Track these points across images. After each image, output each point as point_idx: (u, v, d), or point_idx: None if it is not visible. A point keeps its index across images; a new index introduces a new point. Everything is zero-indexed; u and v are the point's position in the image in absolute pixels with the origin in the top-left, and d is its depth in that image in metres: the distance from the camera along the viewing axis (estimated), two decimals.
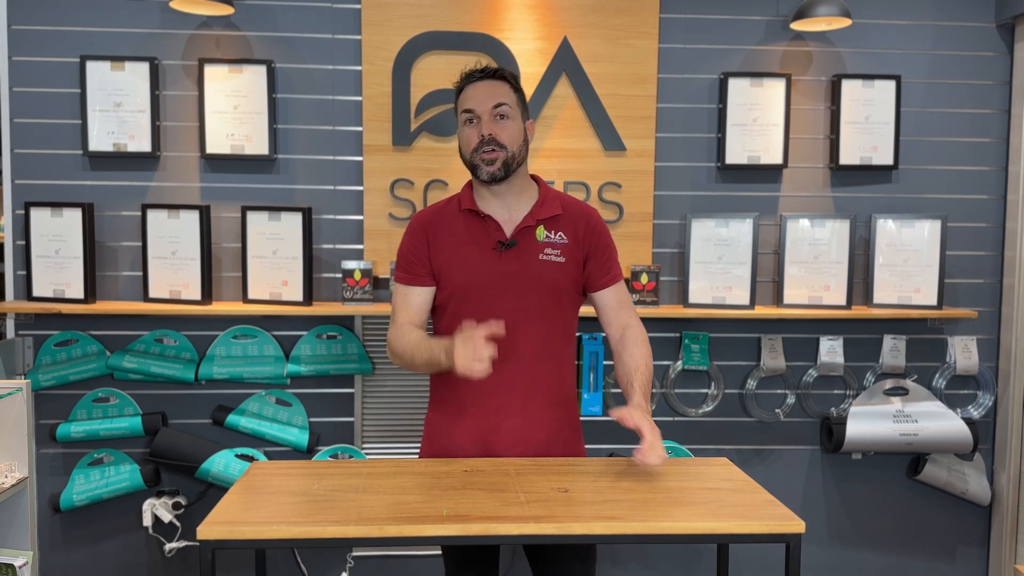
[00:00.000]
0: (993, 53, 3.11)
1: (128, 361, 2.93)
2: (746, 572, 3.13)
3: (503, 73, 2.04)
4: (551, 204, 2.06)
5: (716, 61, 3.05)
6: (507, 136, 1.99)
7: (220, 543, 1.57)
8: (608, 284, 2.08)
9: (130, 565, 3.04)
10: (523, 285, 2.00)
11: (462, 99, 2.04)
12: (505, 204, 2.05)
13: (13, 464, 2.35)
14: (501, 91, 2.01)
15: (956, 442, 3.05)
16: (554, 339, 2.05)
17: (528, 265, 2.01)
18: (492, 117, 1.99)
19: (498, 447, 2.02)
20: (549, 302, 2.03)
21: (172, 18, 2.91)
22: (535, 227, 2.03)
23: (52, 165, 2.94)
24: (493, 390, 1.99)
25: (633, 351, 2.03)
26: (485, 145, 1.98)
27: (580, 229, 2.06)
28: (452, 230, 2.05)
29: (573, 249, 2.04)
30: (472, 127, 2.01)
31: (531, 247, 2.02)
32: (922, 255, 3.06)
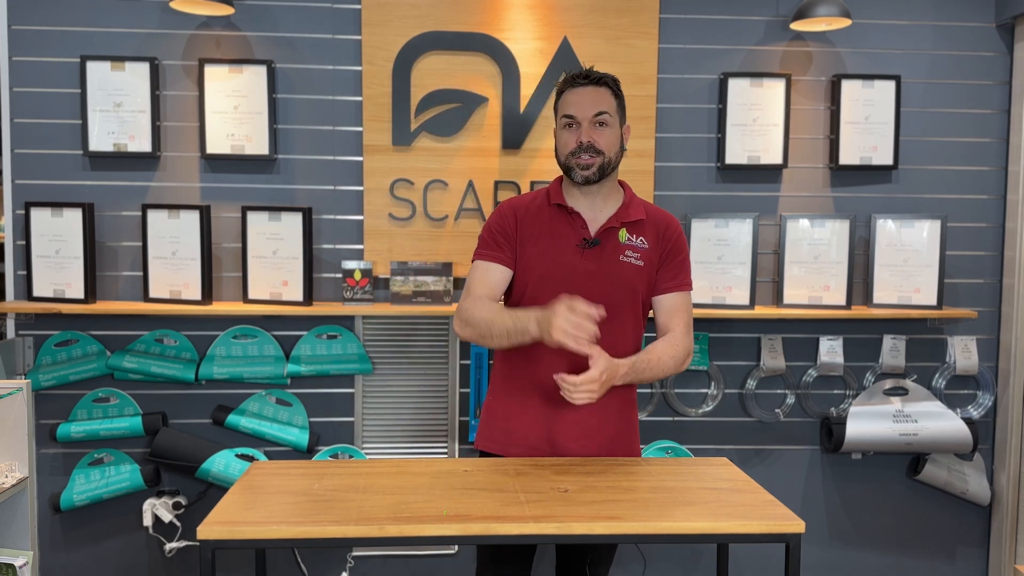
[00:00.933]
0: (993, 53, 3.11)
1: (128, 361, 2.93)
2: (746, 572, 3.13)
3: (606, 79, 2.07)
4: (636, 209, 2.11)
5: (716, 61, 3.05)
6: (605, 142, 2.03)
7: (220, 543, 1.57)
8: (671, 289, 2.12)
9: (130, 565, 3.04)
10: (601, 283, 2.04)
11: (563, 103, 2.07)
12: (593, 204, 2.09)
13: (13, 464, 2.35)
14: (603, 98, 2.05)
15: (956, 442, 3.05)
16: (624, 339, 2.08)
17: (608, 265, 2.05)
18: (592, 124, 2.03)
19: (561, 437, 2.06)
20: (624, 302, 2.06)
21: (172, 18, 2.91)
22: (619, 229, 2.07)
23: (52, 165, 2.94)
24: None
25: (658, 343, 2.08)
26: (583, 152, 2.02)
27: (660, 235, 2.11)
28: (539, 221, 2.09)
29: (652, 254, 2.09)
30: (571, 131, 2.05)
31: (613, 247, 2.06)
32: (922, 255, 3.06)
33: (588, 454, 2.07)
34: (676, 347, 2.07)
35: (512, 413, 2.10)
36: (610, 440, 2.10)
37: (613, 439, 2.10)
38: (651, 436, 3.12)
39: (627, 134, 2.13)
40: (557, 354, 1.98)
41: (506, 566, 2.10)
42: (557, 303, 1.84)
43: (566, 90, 2.08)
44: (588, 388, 1.87)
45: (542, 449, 2.07)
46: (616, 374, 1.94)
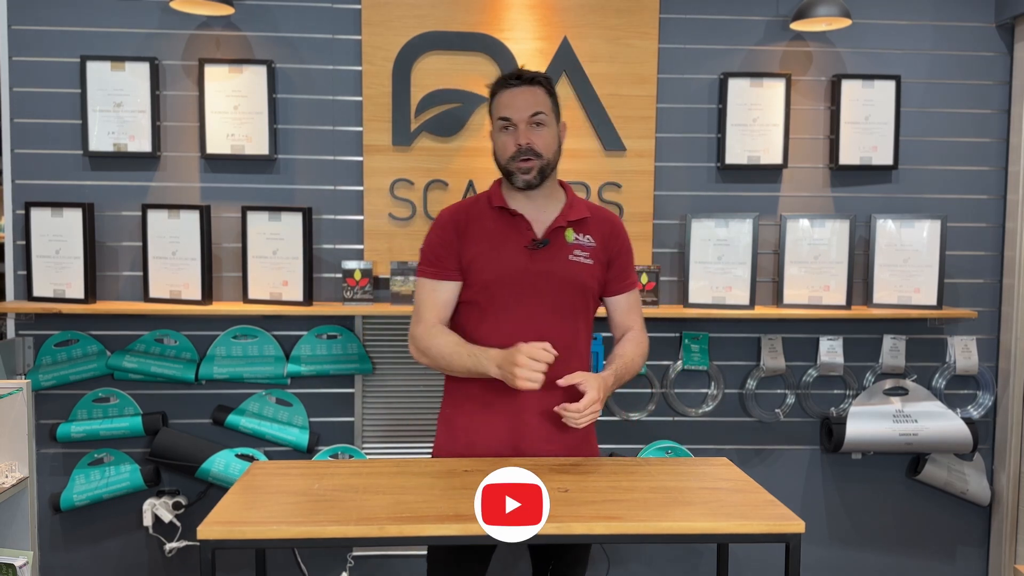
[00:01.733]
0: (993, 53, 3.11)
1: (128, 361, 2.93)
2: (746, 572, 3.13)
3: (539, 78, 2.05)
4: (579, 207, 2.10)
5: (716, 61, 3.05)
6: (543, 144, 2.02)
7: (220, 543, 1.57)
8: (624, 290, 2.14)
9: (130, 565, 3.04)
10: (553, 284, 2.03)
11: (497, 105, 2.05)
12: (535, 205, 2.08)
13: (13, 464, 2.35)
14: (538, 98, 2.02)
15: (956, 442, 3.05)
16: (579, 338, 2.08)
17: (559, 265, 2.04)
18: (529, 125, 2.01)
19: (526, 443, 2.04)
20: (577, 302, 2.06)
21: (172, 18, 2.91)
22: (565, 228, 2.06)
23: (52, 165, 2.94)
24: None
25: (625, 345, 2.11)
26: (522, 154, 2.00)
27: (606, 234, 2.11)
28: (482, 226, 2.06)
29: (599, 252, 2.09)
30: (508, 134, 2.02)
31: (562, 247, 2.05)
32: (922, 255, 3.06)
33: (551, 454, 2.04)
34: (642, 345, 2.13)
35: (474, 425, 2.06)
36: (573, 440, 2.07)
37: (575, 439, 2.07)
38: (651, 436, 3.12)
39: (563, 132, 2.10)
40: None
41: (464, 565, 2.06)
42: (515, 351, 1.88)
43: (499, 91, 2.05)
44: (592, 410, 1.91)
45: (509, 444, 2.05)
46: (607, 386, 1.97)
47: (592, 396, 1.90)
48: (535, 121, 2.01)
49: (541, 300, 2.02)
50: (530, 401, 2.01)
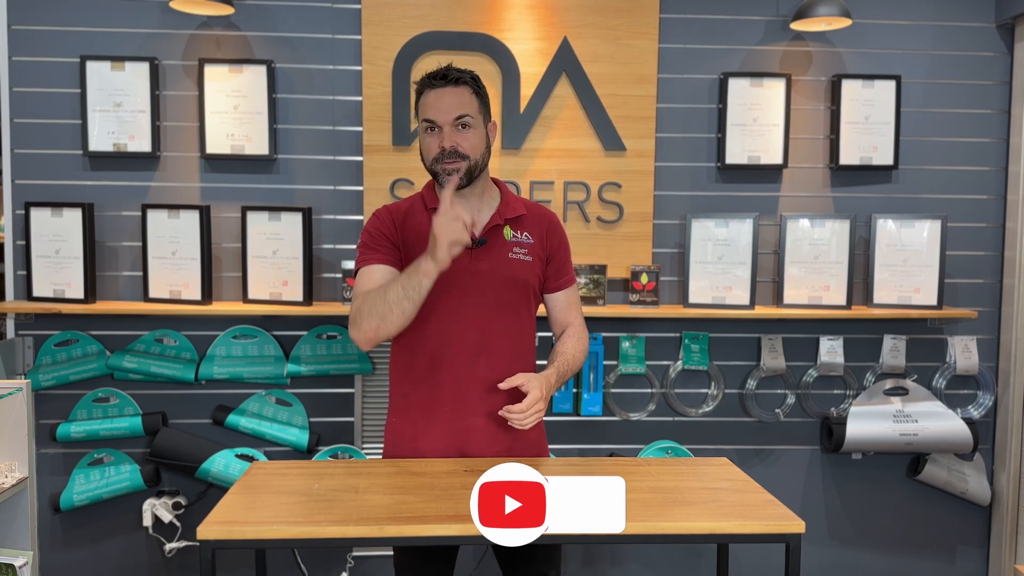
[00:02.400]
0: (993, 53, 3.11)
1: (128, 361, 2.93)
2: (746, 572, 3.13)
3: (465, 78, 2.00)
4: (515, 205, 2.08)
5: (716, 61, 3.05)
6: (469, 145, 1.98)
7: (220, 543, 1.57)
8: (563, 287, 2.14)
9: (130, 565, 3.04)
10: (494, 283, 2.01)
11: (423, 105, 2.00)
12: (470, 205, 2.03)
13: (13, 464, 2.35)
14: (463, 99, 1.97)
15: (956, 442, 3.05)
16: (523, 337, 2.07)
17: (498, 263, 2.02)
18: (454, 127, 1.97)
19: (470, 447, 2.01)
20: (518, 300, 2.05)
21: (172, 18, 2.91)
22: (503, 226, 2.04)
23: (52, 165, 2.94)
24: (468, 388, 2.00)
25: (566, 342, 2.11)
26: (447, 156, 1.96)
27: (544, 230, 2.10)
28: (420, 228, 2.02)
29: (538, 249, 2.08)
30: (433, 136, 1.98)
31: (500, 245, 2.04)
32: (922, 255, 3.06)
33: (497, 455, 2.00)
34: (582, 341, 2.13)
35: (419, 431, 2.03)
36: (521, 441, 2.04)
37: (523, 440, 2.04)
38: (651, 436, 3.12)
39: (493, 132, 2.06)
40: (457, 362, 1.98)
41: (429, 565, 2.03)
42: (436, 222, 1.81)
43: (424, 91, 1.99)
44: (536, 409, 1.91)
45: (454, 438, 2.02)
46: (550, 384, 1.97)
47: (535, 395, 1.89)
48: (460, 123, 1.97)
49: (483, 299, 2.00)
50: (473, 404, 2.00)
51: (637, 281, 2.98)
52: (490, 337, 2.00)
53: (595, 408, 3.04)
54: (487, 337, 2.00)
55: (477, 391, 2.00)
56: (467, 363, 2.00)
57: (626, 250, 3.03)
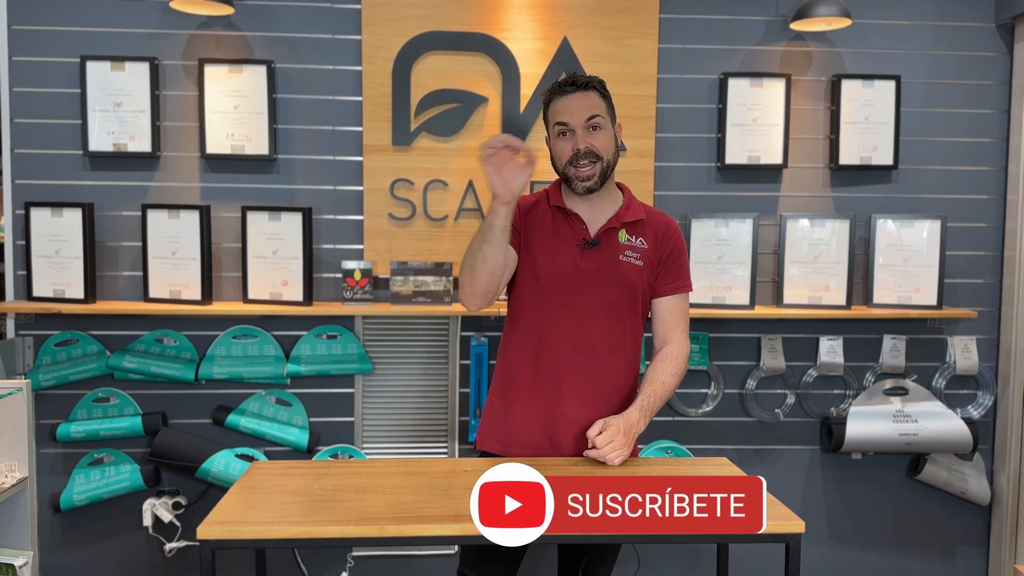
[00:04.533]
0: (993, 53, 3.11)
1: (128, 361, 2.93)
2: (746, 572, 3.13)
3: (593, 83, 2.06)
4: (635, 210, 2.12)
5: (716, 61, 3.05)
6: (602, 146, 2.03)
7: (220, 543, 1.57)
8: (670, 292, 2.14)
9: (130, 565, 3.04)
10: (601, 283, 2.05)
11: (553, 111, 2.06)
12: (592, 206, 2.10)
13: (13, 464, 2.35)
14: (593, 102, 2.04)
15: (956, 442, 3.05)
16: (625, 338, 2.10)
17: (608, 264, 2.06)
18: (586, 129, 2.02)
19: (561, 435, 2.06)
20: (624, 302, 2.08)
21: (172, 18, 2.91)
22: (618, 230, 2.08)
23: (52, 165, 2.94)
24: (562, 378, 2.05)
25: (657, 366, 2.10)
26: (582, 158, 2.02)
27: (659, 236, 2.12)
28: (543, 222, 2.10)
29: (651, 255, 2.10)
30: (566, 139, 2.04)
31: (613, 248, 2.08)
32: (922, 255, 3.06)
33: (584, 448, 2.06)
34: (675, 362, 2.11)
35: (513, 413, 2.10)
36: None
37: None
38: (651, 436, 3.12)
39: (620, 132, 2.13)
40: (557, 351, 2.04)
41: (491, 565, 2.08)
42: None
43: (554, 98, 2.07)
44: (616, 445, 1.92)
45: (544, 448, 2.07)
46: (632, 423, 1.97)
47: (605, 438, 1.92)
48: (592, 124, 2.02)
49: (589, 298, 2.05)
50: (567, 395, 2.05)
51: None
52: (591, 334, 2.05)
53: None
54: (588, 334, 2.04)
55: (571, 383, 2.05)
56: (566, 356, 2.05)
57: None
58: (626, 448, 1.94)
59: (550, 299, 2.06)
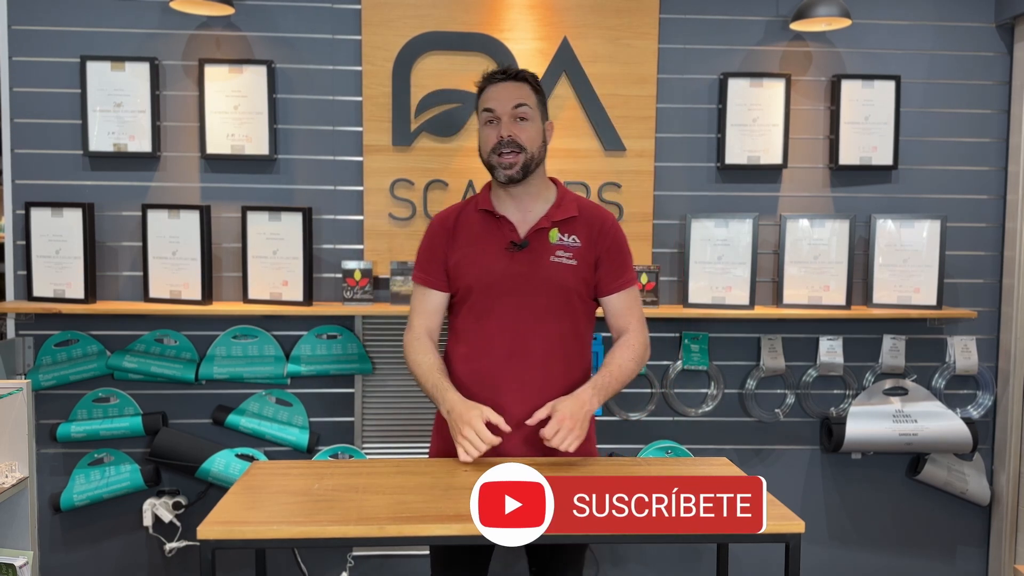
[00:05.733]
0: (993, 53, 3.11)
1: (128, 361, 2.93)
2: (746, 572, 3.13)
3: (524, 74, 2.06)
4: (567, 206, 2.07)
5: (716, 61, 3.05)
6: (526, 137, 2.01)
7: (220, 543, 1.57)
8: (616, 290, 2.09)
9: (130, 565, 3.04)
10: (533, 286, 2.01)
11: (483, 99, 2.06)
12: (521, 205, 2.06)
13: (13, 464, 2.35)
14: (522, 92, 2.03)
15: (956, 442, 3.05)
16: (564, 341, 2.05)
17: (538, 267, 2.02)
18: (512, 118, 2.01)
19: (506, 447, 2.01)
20: (559, 304, 2.03)
21: (172, 18, 2.91)
22: (549, 229, 2.04)
23: (52, 165, 2.94)
24: (502, 389, 2.01)
25: (615, 351, 2.06)
26: (504, 147, 1.99)
27: (595, 232, 2.07)
28: (470, 230, 2.07)
29: (586, 252, 2.05)
30: (492, 127, 2.02)
31: (543, 249, 2.03)
32: (922, 255, 3.06)
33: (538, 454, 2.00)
34: (633, 348, 2.06)
35: None
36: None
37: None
38: (651, 436, 3.12)
39: (550, 131, 2.10)
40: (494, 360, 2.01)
41: (458, 568, 2.05)
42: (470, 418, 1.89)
43: (486, 87, 2.06)
44: (568, 429, 1.88)
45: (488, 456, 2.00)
46: (583, 401, 1.93)
47: (556, 418, 1.88)
48: (519, 114, 2.00)
49: (521, 303, 2.01)
50: (506, 405, 1.99)
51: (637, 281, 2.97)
52: (525, 341, 2.00)
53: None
54: (522, 340, 2.00)
55: (509, 393, 2.00)
56: (500, 365, 2.01)
57: None
58: (578, 431, 1.89)
59: (483, 306, 2.02)
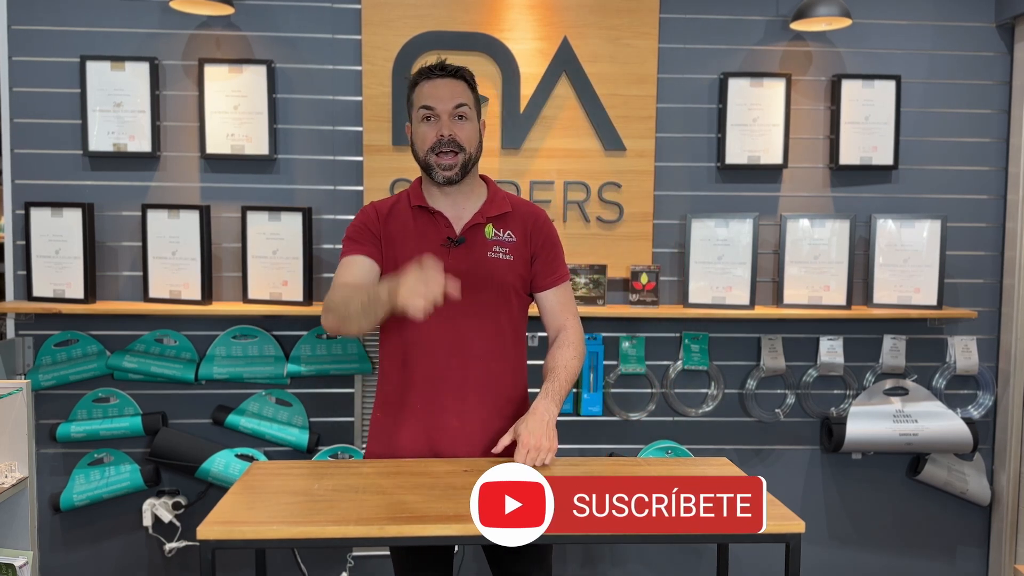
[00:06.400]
0: (993, 53, 3.11)
1: (128, 361, 2.93)
2: (746, 572, 3.13)
3: (463, 72, 2.00)
4: (500, 203, 2.05)
5: (716, 61, 3.05)
6: (465, 137, 1.97)
7: (220, 543, 1.57)
8: (551, 285, 2.07)
9: (130, 565, 3.04)
10: (472, 282, 1.95)
11: (419, 94, 1.99)
12: (455, 202, 2.03)
13: (13, 464, 2.35)
14: (461, 90, 1.98)
15: (956, 442, 3.05)
16: (503, 338, 2.02)
17: (477, 263, 1.99)
18: (452, 117, 1.96)
19: (442, 446, 1.98)
20: (498, 300, 2.01)
21: (172, 18, 2.91)
22: (484, 225, 2.01)
23: (52, 165, 2.94)
24: (439, 388, 1.98)
25: (556, 353, 2.03)
26: (444, 146, 1.95)
27: (528, 228, 2.05)
28: (403, 225, 2.02)
29: (521, 248, 2.03)
30: (429, 125, 1.97)
31: (480, 244, 2.00)
32: (922, 255, 3.06)
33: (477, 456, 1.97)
34: (574, 345, 2.03)
35: (395, 427, 2.02)
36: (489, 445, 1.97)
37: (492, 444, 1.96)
38: (651, 436, 3.12)
39: (483, 129, 2.07)
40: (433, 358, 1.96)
41: (424, 571, 2.02)
42: (408, 272, 1.71)
43: (421, 81, 1.99)
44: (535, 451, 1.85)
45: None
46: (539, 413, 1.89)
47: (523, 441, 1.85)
48: (458, 113, 1.96)
49: (461, 298, 1.91)
50: (446, 404, 1.96)
51: (637, 281, 2.97)
52: (465, 338, 1.97)
53: (595, 408, 3.04)
54: (461, 338, 1.97)
55: (449, 391, 1.97)
56: (440, 363, 1.97)
57: (626, 250, 3.03)
58: (547, 444, 1.86)
59: None
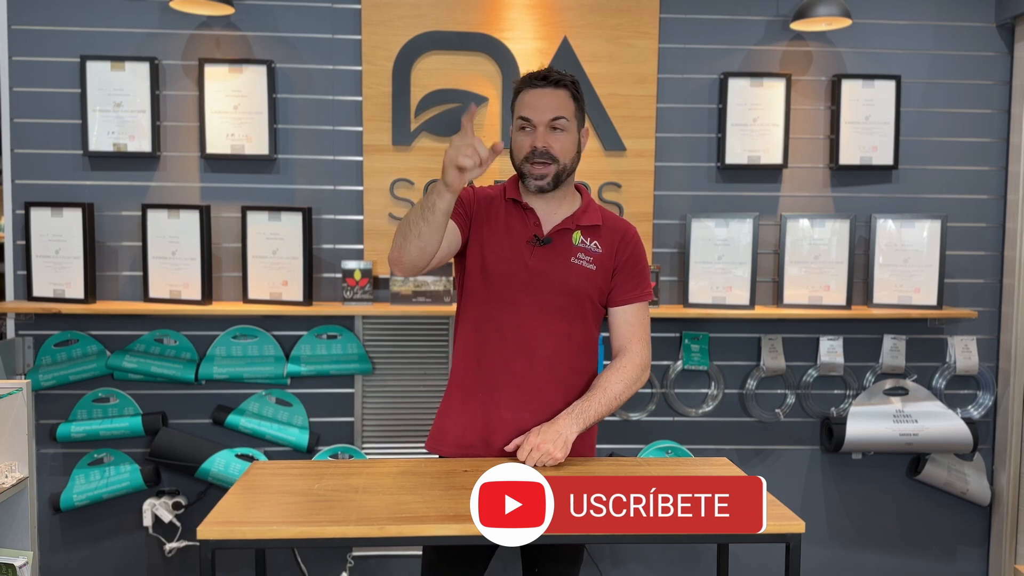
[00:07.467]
0: (993, 53, 3.11)
1: (128, 361, 2.93)
2: (746, 572, 3.13)
3: (565, 81, 1.98)
4: (592, 214, 2.04)
5: (716, 61, 3.05)
6: (560, 148, 1.95)
7: (220, 543, 1.57)
8: (624, 303, 2.05)
9: (130, 565, 3.04)
10: (547, 284, 1.97)
11: (520, 103, 1.99)
12: (548, 205, 2.03)
13: (13, 464, 2.34)
14: (561, 101, 1.96)
15: (956, 442, 3.05)
16: (571, 342, 2.02)
17: (557, 265, 1.99)
18: (548, 129, 1.95)
19: (495, 438, 1.99)
20: (570, 306, 2.00)
21: (172, 18, 2.91)
22: (572, 231, 2.01)
23: (52, 165, 2.94)
24: (500, 381, 1.99)
25: (604, 373, 2.02)
26: (537, 156, 1.94)
27: (616, 242, 2.04)
28: (495, 214, 2.02)
29: (605, 260, 2.02)
30: (526, 135, 1.97)
31: (565, 249, 2.00)
32: (922, 255, 3.06)
33: None
34: (626, 371, 2.01)
35: (454, 413, 2.04)
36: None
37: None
38: (651, 436, 3.12)
39: (585, 138, 2.04)
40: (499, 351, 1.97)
41: (456, 568, 2.02)
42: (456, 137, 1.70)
43: (523, 90, 1.98)
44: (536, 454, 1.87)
45: (476, 448, 2.00)
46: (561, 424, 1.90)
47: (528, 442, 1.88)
48: (555, 125, 1.95)
49: (534, 297, 1.97)
50: (503, 397, 1.98)
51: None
52: (532, 336, 1.97)
53: None
54: (529, 336, 1.97)
55: (510, 385, 1.98)
56: (505, 357, 1.98)
57: None
58: (551, 449, 1.87)
59: (495, 295, 1.98)
